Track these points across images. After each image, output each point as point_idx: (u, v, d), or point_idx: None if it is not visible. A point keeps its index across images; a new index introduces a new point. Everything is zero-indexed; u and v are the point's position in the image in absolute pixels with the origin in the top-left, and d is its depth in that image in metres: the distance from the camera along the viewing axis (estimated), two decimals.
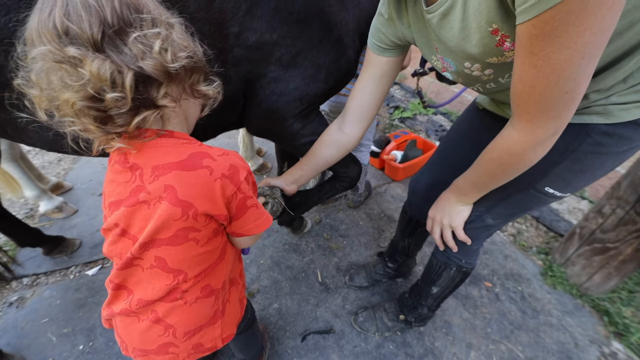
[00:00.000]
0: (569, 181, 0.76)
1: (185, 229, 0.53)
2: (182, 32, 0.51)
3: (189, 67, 0.50)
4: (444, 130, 2.88)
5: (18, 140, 0.83)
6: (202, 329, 0.65)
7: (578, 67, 0.47)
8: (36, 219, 1.83)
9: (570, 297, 1.58)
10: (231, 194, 0.55)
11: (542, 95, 0.52)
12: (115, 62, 0.43)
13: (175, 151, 0.52)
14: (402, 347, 1.32)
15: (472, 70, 0.68)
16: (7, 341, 1.26)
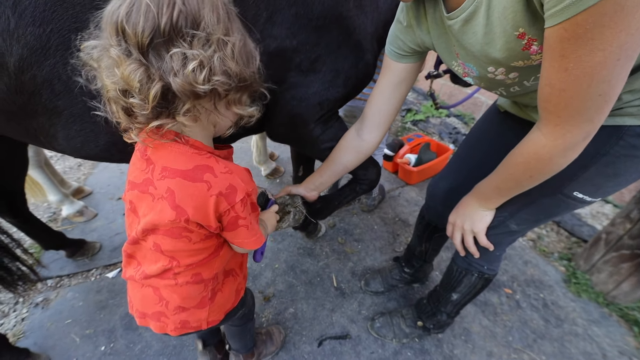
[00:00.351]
0: (600, 186, 0.73)
1: (179, 228, 0.59)
2: (235, 51, 0.50)
3: (225, 88, 0.51)
4: (457, 132, 2.84)
5: (49, 147, 0.86)
6: (190, 309, 0.71)
7: (613, 70, 0.46)
8: (59, 223, 1.89)
9: (596, 305, 1.52)
10: (224, 210, 0.58)
11: (573, 98, 0.51)
12: (149, 70, 0.46)
13: (184, 159, 0.56)
14: (420, 354, 1.30)
15: (496, 75, 0.67)
16: (34, 341, 1.30)
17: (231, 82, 0.51)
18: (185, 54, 0.46)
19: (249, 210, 0.61)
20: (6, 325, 1.37)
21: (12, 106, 0.72)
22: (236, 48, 0.50)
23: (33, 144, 0.89)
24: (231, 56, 0.49)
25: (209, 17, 0.47)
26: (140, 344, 1.30)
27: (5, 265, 1.14)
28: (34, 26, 0.64)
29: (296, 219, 1.02)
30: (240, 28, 0.53)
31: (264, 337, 1.26)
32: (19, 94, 0.70)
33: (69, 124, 0.77)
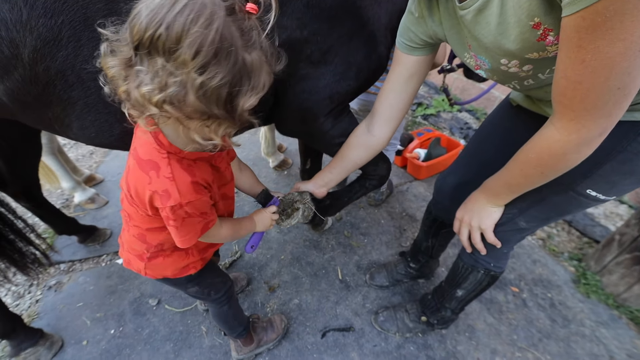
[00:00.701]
0: (615, 183, 0.70)
1: (130, 197, 0.68)
2: (206, 89, 0.48)
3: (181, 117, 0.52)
4: (469, 127, 2.78)
5: (64, 135, 0.88)
6: (133, 255, 0.83)
7: (634, 61, 0.43)
8: (71, 209, 1.94)
9: (605, 307, 1.49)
10: (157, 206, 0.65)
11: (589, 92, 0.48)
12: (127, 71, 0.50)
13: (145, 149, 0.63)
14: (424, 349, 1.30)
15: (509, 67, 0.64)
16: (47, 322, 1.34)
17: (185, 114, 0.51)
18: (147, 75, 0.48)
19: (180, 217, 0.65)
20: (21, 306, 1.43)
21: (28, 96, 0.73)
22: (208, 86, 0.48)
23: (48, 131, 0.91)
24: (196, 91, 0.47)
25: (186, 51, 0.45)
26: (148, 328, 1.34)
27: (19, 249, 1.17)
28: (45, 17, 0.65)
29: (305, 215, 1.01)
30: (233, 67, 0.49)
31: (265, 324, 1.28)
32: (34, 84, 0.71)
33: (84, 114, 0.78)
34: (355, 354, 1.27)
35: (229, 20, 0.47)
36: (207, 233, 0.74)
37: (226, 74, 0.48)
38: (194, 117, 0.52)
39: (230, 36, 0.47)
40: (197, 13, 0.44)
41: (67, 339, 1.29)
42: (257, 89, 0.54)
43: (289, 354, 1.26)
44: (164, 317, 1.38)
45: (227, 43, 0.47)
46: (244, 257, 1.65)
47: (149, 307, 1.41)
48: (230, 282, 1.04)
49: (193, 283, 0.92)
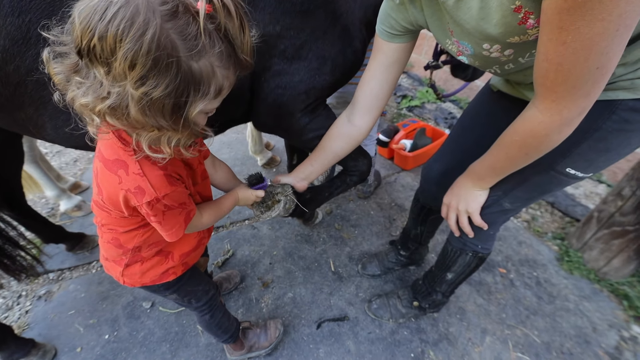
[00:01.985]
0: (592, 161, 0.73)
1: (98, 202, 0.67)
2: (146, 101, 0.46)
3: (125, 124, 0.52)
4: (453, 117, 2.84)
5: (39, 137, 0.87)
6: (110, 262, 0.81)
7: (612, 41, 0.45)
8: (57, 218, 1.91)
9: (587, 282, 1.55)
10: (135, 204, 0.63)
11: (570, 72, 0.50)
12: (71, 76, 0.49)
13: (110, 149, 0.61)
14: (417, 333, 1.33)
15: (491, 52, 0.66)
16: (38, 332, 1.32)
17: (129, 125, 0.51)
18: (83, 85, 0.47)
19: (160, 211, 0.64)
20: (10, 317, 1.40)
21: (0, 98, 0.72)
22: (149, 98, 0.45)
23: (23, 134, 0.90)
24: (137, 103, 0.46)
25: (121, 63, 0.42)
26: (143, 331, 1.33)
27: (9, 254, 1.15)
28: (13, 16, 0.64)
29: (286, 207, 1.01)
30: (176, 77, 0.46)
31: (258, 330, 1.25)
32: (5, 85, 0.70)
33: (56, 114, 0.77)
34: (350, 342, 1.30)
35: (168, 27, 0.44)
36: (190, 224, 0.73)
37: (169, 84, 0.45)
38: (140, 129, 0.51)
39: (170, 44, 0.44)
40: (130, 21, 0.40)
41: (60, 347, 1.28)
42: (208, 96, 0.51)
43: (285, 346, 1.28)
44: (159, 319, 1.38)
45: (165, 52, 0.43)
46: (236, 255, 1.65)
47: (143, 310, 1.41)
48: (213, 291, 1.01)
49: (171, 290, 0.90)
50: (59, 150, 2.52)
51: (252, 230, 1.78)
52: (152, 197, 0.60)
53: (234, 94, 0.92)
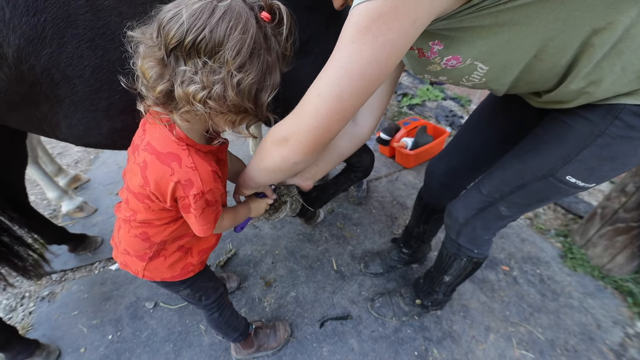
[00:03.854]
0: (593, 170, 0.70)
1: (143, 194, 0.69)
2: (242, 86, 0.55)
3: (218, 112, 0.57)
4: (454, 115, 2.83)
5: (52, 136, 0.87)
6: (132, 257, 0.82)
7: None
8: (59, 219, 1.91)
9: (591, 279, 1.55)
10: (179, 196, 0.67)
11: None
12: (163, 71, 0.55)
13: (163, 143, 0.65)
14: (420, 330, 1.33)
15: (432, 79, 0.74)
16: (42, 333, 1.33)
17: (225, 109, 0.56)
18: (193, 74, 0.53)
19: (201, 205, 0.68)
20: (14, 319, 1.40)
21: (15, 96, 0.73)
22: (244, 83, 0.55)
23: (36, 133, 0.90)
24: (235, 87, 0.54)
25: (228, 51, 0.51)
26: (146, 331, 1.33)
27: (18, 253, 1.16)
28: (28, 15, 0.64)
29: (293, 208, 1.02)
30: (262, 66, 0.56)
31: (268, 331, 1.26)
32: (20, 84, 0.71)
33: (71, 113, 0.77)
34: (354, 341, 1.30)
35: (258, 27, 0.55)
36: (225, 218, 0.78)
37: (257, 73, 0.56)
38: (229, 112, 0.57)
39: (260, 40, 0.55)
40: (236, 21, 0.51)
41: (64, 348, 1.28)
42: (274, 85, 0.62)
43: (288, 345, 1.28)
44: (162, 318, 1.38)
45: (258, 46, 0.54)
46: (238, 254, 1.65)
47: (146, 310, 1.41)
48: (221, 290, 1.03)
49: (185, 285, 0.92)
50: (60, 152, 2.52)
51: (254, 230, 1.78)
52: (199, 190, 0.65)
53: None
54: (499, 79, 0.67)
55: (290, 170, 0.70)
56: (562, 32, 0.53)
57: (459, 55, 0.61)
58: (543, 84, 0.66)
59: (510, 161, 0.85)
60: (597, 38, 0.53)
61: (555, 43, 0.56)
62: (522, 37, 0.55)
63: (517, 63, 0.61)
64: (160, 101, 0.58)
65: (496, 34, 0.55)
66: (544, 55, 0.58)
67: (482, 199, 0.92)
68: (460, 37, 0.58)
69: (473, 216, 0.95)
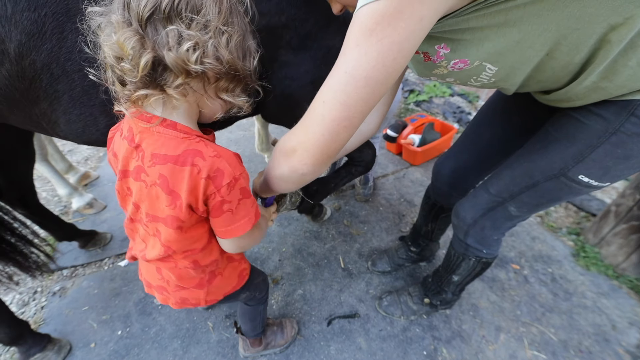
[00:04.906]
0: (609, 169, 0.67)
1: (173, 217, 0.60)
2: (229, 42, 0.52)
3: (216, 73, 0.53)
4: (462, 111, 2.79)
5: (51, 134, 0.87)
6: (189, 289, 0.76)
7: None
8: (70, 216, 1.93)
9: (605, 278, 1.51)
10: (210, 193, 0.59)
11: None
12: (144, 40, 0.48)
13: (173, 144, 0.57)
14: (429, 330, 1.31)
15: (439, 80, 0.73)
16: (54, 327, 1.35)
17: (222, 68, 0.52)
18: (181, 33, 0.48)
19: (236, 195, 0.60)
20: (27, 313, 1.43)
21: (15, 93, 0.73)
22: (233, 40, 0.52)
23: (36, 131, 0.90)
24: (226, 45, 0.51)
25: (210, 6, 0.49)
26: (154, 327, 1.34)
27: (22, 252, 1.17)
28: (29, 11, 0.64)
29: (292, 201, 1.02)
30: (242, 26, 0.54)
31: (276, 328, 1.26)
32: (21, 80, 0.71)
33: (69, 109, 0.78)
34: (361, 339, 1.29)
35: None
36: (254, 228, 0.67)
37: (240, 31, 0.54)
38: (225, 76, 0.54)
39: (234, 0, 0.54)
40: None
41: (75, 343, 1.30)
42: (255, 49, 0.58)
43: (296, 343, 1.28)
44: (170, 315, 1.39)
45: (233, 5, 0.53)
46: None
47: (155, 306, 1.42)
48: (267, 280, 1.04)
49: (245, 289, 0.89)
50: (70, 149, 2.56)
51: None
52: (231, 177, 0.58)
53: None
54: (509, 78, 0.64)
55: (299, 181, 0.67)
56: (576, 30, 0.51)
57: (466, 58, 0.59)
58: (554, 82, 0.64)
59: (519, 160, 0.83)
60: (614, 34, 0.51)
61: (568, 41, 0.53)
62: (533, 37, 0.53)
63: (528, 62, 0.59)
64: (148, 79, 0.51)
65: (505, 35, 0.53)
66: (557, 54, 0.56)
67: (491, 199, 0.89)
68: (467, 39, 0.56)
69: (481, 216, 0.93)
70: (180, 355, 1.26)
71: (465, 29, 0.54)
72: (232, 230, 0.64)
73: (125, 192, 0.66)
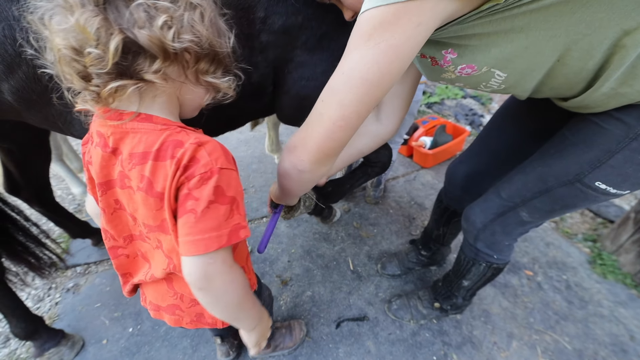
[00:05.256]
0: (628, 176, 0.65)
1: (165, 220, 0.52)
2: (203, 17, 0.47)
3: (195, 52, 0.47)
4: (474, 114, 2.75)
5: (67, 133, 0.89)
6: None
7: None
8: (83, 214, 1.97)
9: (623, 286, 1.46)
10: (180, 184, 0.49)
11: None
12: (108, 21, 0.41)
13: (150, 138, 0.49)
14: (439, 335, 1.30)
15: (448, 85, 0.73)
16: (67, 323, 1.37)
17: (202, 45, 0.47)
18: (150, 9, 0.42)
19: (207, 194, 0.48)
20: (42, 308, 1.46)
21: (32, 94, 0.74)
22: (206, 15, 0.48)
23: (53, 130, 0.92)
24: (200, 20, 0.47)
25: None
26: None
27: (33, 252, 1.20)
28: None
29: (307, 205, 1.01)
30: (212, 4, 0.50)
31: (284, 331, 1.25)
32: (37, 82, 0.72)
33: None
34: (370, 343, 1.28)
35: None
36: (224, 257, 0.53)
37: (211, 7, 0.49)
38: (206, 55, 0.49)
39: None
40: None
41: (87, 339, 1.32)
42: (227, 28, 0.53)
43: (304, 344, 1.27)
44: None
45: None
46: (254, 253, 1.66)
47: None
48: (272, 295, 1.02)
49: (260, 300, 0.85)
50: None
51: None
52: (207, 168, 0.48)
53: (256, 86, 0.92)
54: (519, 85, 0.63)
55: (298, 179, 0.67)
56: (586, 35, 0.50)
57: (473, 64, 0.59)
58: (568, 88, 0.62)
59: (532, 164, 0.81)
60: (628, 39, 0.49)
61: (579, 47, 0.52)
62: (541, 43, 0.52)
63: (539, 69, 0.58)
64: (121, 67, 0.43)
65: (512, 41, 0.52)
66: (568, 60, 0.54)
67: (502, 204, 0.88)
68: (474, 45, 0.55)
69: (491, 221, 0.92)
70: (190, 353, 1.27)
71: (471, 35, 0.54)
72: (191, 242, 0.49)
73: (114, 207, 0.57)
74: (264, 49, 0.84)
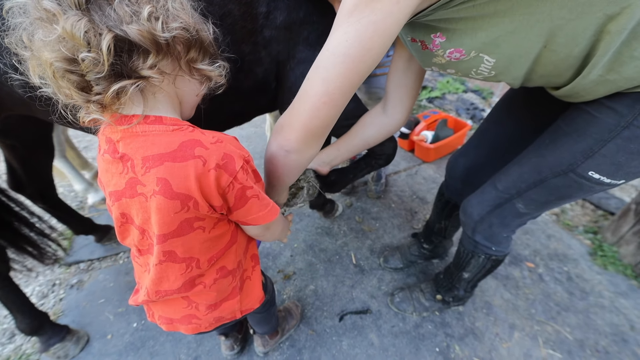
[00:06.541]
0: (621, 165, 0.64)
1: (189, 219, 0.52)
2: (184, 5, 0.48)
3: (185, 41, 0.47)
4: (475, 108, 2.74)
5: (77, 127, 0.89)
6: (222, 304, 0.69)
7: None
8: (86, 210, 1.98)
9: (623, 278, 1.48)
10: (227, 184, 0.51)
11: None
12: (94, 22, 0.40)
13: (164, 140, 0.48)
14: (442, 327, 1.31)
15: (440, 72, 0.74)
16: (72, 319, 1.38)
17: (190, 33, 0.47)
18: (131, 4, 0.42)
19: (252, 179, 0.55)
20: (46, 304, 1.47)
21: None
22: (185, 3, 0.48)
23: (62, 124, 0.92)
24: (182, 8, 0.47)
25: None
26: None
27: (35, 242, 1.21)
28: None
29: (310, 193, 1.01)
30: None
31: (284, 314, 1.29)
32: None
33: None
34: (373, 335, 1.29)
35: None
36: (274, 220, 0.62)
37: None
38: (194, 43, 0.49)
39: None
40: None
41: (92, 334, 1.33)
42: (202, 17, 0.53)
43: (308, 338, 1.28)
44: None
45: None
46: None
47: None
48: (271, 280, 1.03)
49: (266, 292, 0.86)
50: (85, 146, 2.60)
51: None
52: (242, 159, 0.52)
53: (260, 82, 0.92)
54: (509, 71, 0.63)
55: (285, 162, 0.65)
56: (570, 21, 0.50)
57: (461, 48, 0.60)
58: (557, 75, 0.62)
59: (528, 156, 0.81)
60: (612, 24, 0.49)
61: (564, 32, 0.52)
62: (526, 28, 0.53)
63: (526, 55, 0.58)
64: (118, 67, 0.42)
65: (497, 25, 0.53)
66: (554, 46, 0.55)
67: (498, 195, 0.88)
68: (460, 29, 0.57)
69: (488, 213, 0.92)
70: (194, 347, 1.28)
71: (458, 19, 0.55)
72: (264, 215, 0.59)
73: (121, 220, 0.56)
74: (267, 44, 0.84)
